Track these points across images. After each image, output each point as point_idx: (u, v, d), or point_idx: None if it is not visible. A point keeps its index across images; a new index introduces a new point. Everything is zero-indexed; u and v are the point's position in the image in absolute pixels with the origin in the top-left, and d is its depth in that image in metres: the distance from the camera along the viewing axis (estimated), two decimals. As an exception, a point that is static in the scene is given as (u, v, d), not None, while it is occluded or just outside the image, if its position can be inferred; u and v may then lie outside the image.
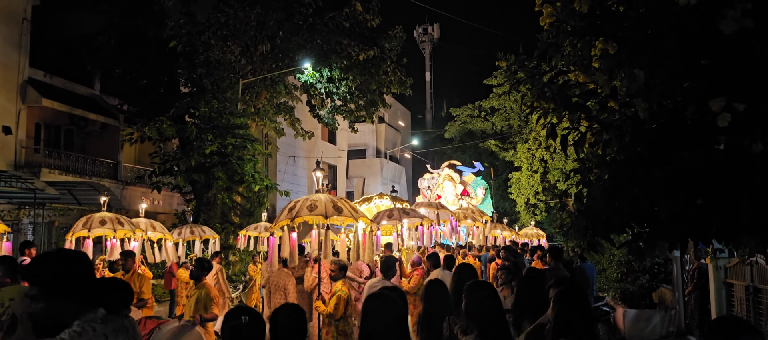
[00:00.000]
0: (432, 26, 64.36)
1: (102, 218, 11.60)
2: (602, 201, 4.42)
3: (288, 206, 8.59)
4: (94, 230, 11.57)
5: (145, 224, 13.24)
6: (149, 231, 13.26)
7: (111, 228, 11.47)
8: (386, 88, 25.52)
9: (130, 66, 20.78)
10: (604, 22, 4.38)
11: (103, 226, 11.48)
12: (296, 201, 8.63)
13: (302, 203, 8.43)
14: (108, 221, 11.54)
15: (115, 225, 11.61)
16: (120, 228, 11.70)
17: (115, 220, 11.65)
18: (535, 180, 35.54)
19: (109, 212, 12.14)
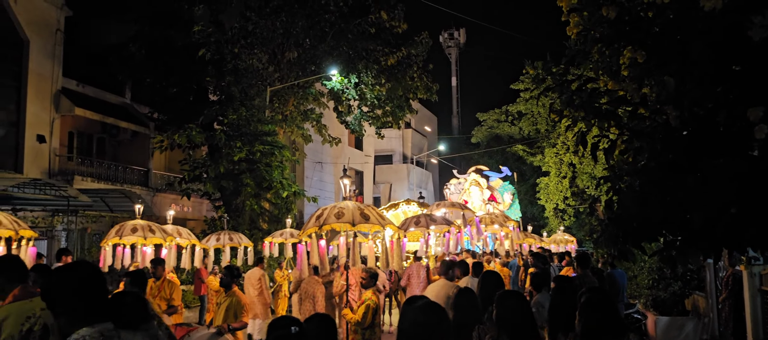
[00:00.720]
0: (458, 31, 64.26)
1: (134, 225, 11.75)
2: (633, 209, 4.38)
3: (315, 213, 8.62)
4: (126, 238, 11.77)
5: (172, 230, 13.40)
6: (177, 238, 13.43)
7: (142, 236, 11.60)
8: (412, 93, 25.53)
9: (160, 75, 21.10)
10: (632, 29, 4.35)
11: (135, 233, 11.63)
12: (323, 209, 8.64)
13: (329, 211, 8.44)
14: (139, 229, 11.68)
15: (146, 233, 11.76)
16: (151, 236, 11.83)
17: (147, 228, 11.79)
18: (564, 185, 35.20)
19: (142, 219, 12.31)
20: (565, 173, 35.22)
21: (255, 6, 21.74)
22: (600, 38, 4.57)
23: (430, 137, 51.79)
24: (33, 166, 21.24)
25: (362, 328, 7.29)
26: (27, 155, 21.21)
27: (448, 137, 53.65)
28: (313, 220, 8.55)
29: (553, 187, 35.81)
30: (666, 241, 4.34)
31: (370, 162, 41.01)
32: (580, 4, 4.63)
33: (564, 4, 4.57)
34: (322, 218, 8.39)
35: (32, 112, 21.48)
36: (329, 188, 34.17)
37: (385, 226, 8.69)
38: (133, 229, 11.73)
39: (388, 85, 24.34)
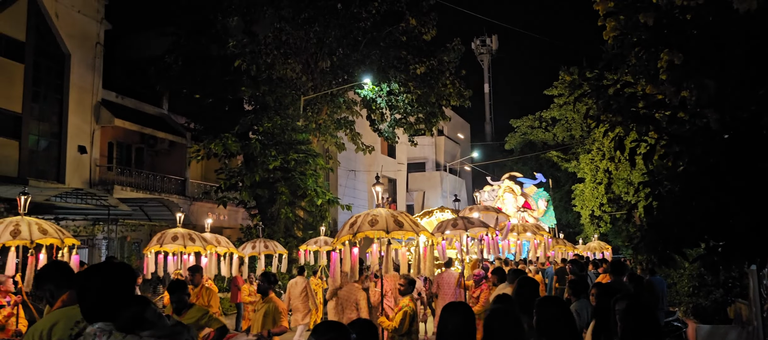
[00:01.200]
0: (490, 38, 64.00)
1: (174, 234, 11.88)
2: (673, 214, 4.32)
3: (349, 221, 8.60)
4: (166, 246, 11.91)
5: (210, 238, 13.56)
6: (216, 246, 13.60)
7: (182, 244, 11.74)
8: (445, 100, 25.51)
9: (196, 85, 21.47)
10: (670, 33, 4.30)
11: (175, 242, 11.76)
12: (357, 216, 8.64)
13: (363, 218, 8.44)
14: (180, 237, 11.81)
15: (186, 241, 11.89)
16: (191, 244, 11.97)
17: (187, 236, 11.93)
18: (600, 191, 34.71)
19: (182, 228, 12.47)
20: (601, 179, 34.74)
21: (288, 16, 22.02)
22: (637, 42, 4.53)
23: (463, 144, 51.60)
24: (74, 176, 21.77)
25: (399, 335, 7.29)
26: (69, 166, 21.75)
27: (481, 144, 53.40)
28: (347, 228, 8.53)
29: (589, 193, 35.34)
30: (708, 246, 4.27)
31: (403, 170, 41.01)
32: (617, 8, 4.60)
33: (600, 8, 4.55)
34: (356, 226, 8.37)
35: (74, 124, 22.04)
36: (362, 195, 34.28)
37: (419, 233, 8.63)
38: (174, 237, 11.86)
39: (418, 92, 24.37)
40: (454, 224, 12.07)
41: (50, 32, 21.57)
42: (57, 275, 3.92)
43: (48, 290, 3.87)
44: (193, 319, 5.97)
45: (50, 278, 3.91)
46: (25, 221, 8.94)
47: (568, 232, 39.24)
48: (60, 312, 3.62)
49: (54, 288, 3.85)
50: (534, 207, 34.03)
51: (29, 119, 20.73)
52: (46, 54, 21.45)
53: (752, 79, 3.99)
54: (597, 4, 4.56)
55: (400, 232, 8.37)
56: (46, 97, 21.68)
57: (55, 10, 21.56)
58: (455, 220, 12.37)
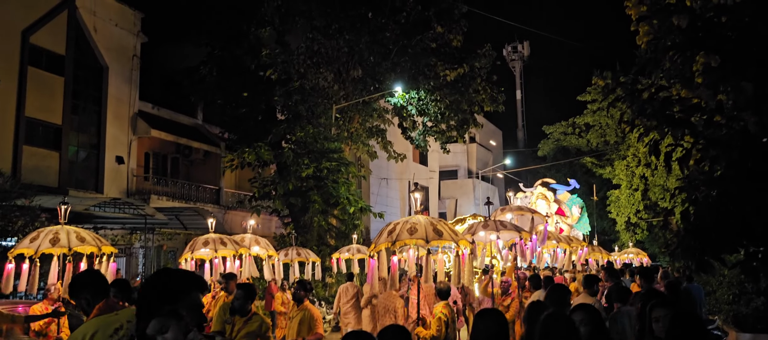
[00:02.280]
0: (522, 44, 63.59)
1: (205, 239, 11.88)
2: (711, 219, 4.25)
3: (387, 228, 8.49)
4: (197, 252, 11.92)
5: (249, 240, 13.62)
6: (255, 247, 13.61)
7: (213, 249, 11.70)
8: (477, 106, 25.40)
9: (230, 96, 21.77)
10: (705, 36, 4.25)
11: (206, 247, 11.75)
12: (395, 223, 8.53)
13: (402, 226, 8.33)
14: (211, 242, 11.79)
15: (217, 245, 11.83)
16: (222, 248, 11.91)
17: (218, 241, 11.88)
18: (636, 198, 34.20)
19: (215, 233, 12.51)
20: (637, 185, 34.23)
21: (320, 26, 22.20)
22: (671, 46, 4.48)
23: (495, 151, 51.28)
24: (112, 186, 22.25)
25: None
26: (107, 176, 22.25)
27: (513, 151, 53.00)
28: (385, 235, 8.41)
29: (625, 200, 34.86)
30: (747, 252, 4.19)
31: (435, 177, 40.92)
32: (650, 12, 4.55)
33: (633, 13, 4.51)
34: (395, 234, 8.24)
35: (111, 135, 22.54)
36: (394, 203, 34.30)
37: (458, 242, 8.49)
38: (205, 243, 11.85)
39: (448, 101, 24.31)
40: (484, 225, 11.55)
41: (89, 46, 22.14)
42: (92, 284, 4.00)
43: (84, 299, 3.94)
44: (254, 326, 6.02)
45: (86, 286, 3.99)
46: (65, 229, 9.09)
47: (603, 239, 38.70)
48: (98, 321, 3.68)
49: (90, 297, 3.92)
50: (568, 214, 33.59)
51: (69, 131, 21.27)
52: (84, 67, 22.02)
53: (791, 81, 3.92)
54: (629, 8, 4.52)
55: (439, 241, 8.22)
56: (85, 109, 22.24)
57: (94, 24, 22.13)
58: (486, 221, 11.88)
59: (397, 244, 8.10)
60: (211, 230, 12.52)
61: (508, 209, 14.49)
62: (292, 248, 16.20)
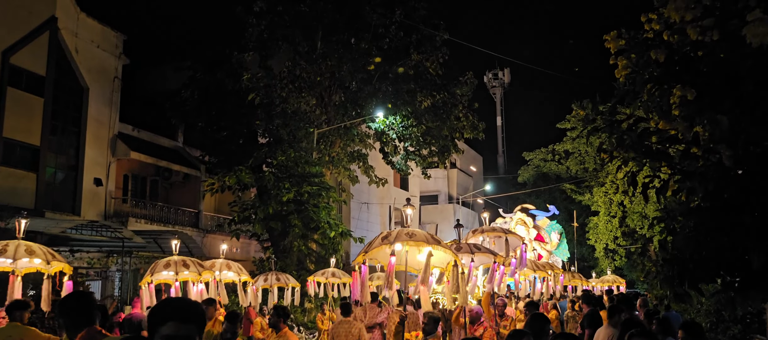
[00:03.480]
0: (502, 71, 64.34)
1: (167, 262, 11.16)
2: (689, 250, 4.32)
3: (382, 234, 8.13)
4: (157, 275, 11.20)
5: (220, 264, 13.11)
6: (228, 273, 13.21)
7: (174, 271, 10.98)
8: (458, 133, 25.60)
9: (212, 119, 21.72)
10: (682, 70, 4.36)
11: (168, 270, 11.02)
12: (389, 231, 8.16)
13: (399, 231, 8.00)
14: (172, 265, 11.06)
15: (178, 268, 11.09)
16: (183, 271, 11.17)
17: (180, 263, 11.17)
18: (614, 225, 34.51)
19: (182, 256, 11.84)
20: (615, 212, 34.56)
21: (303, 52, 22.32)
22: (649, 79, 4.58)
23: (475, 177, 51.54)
24: (90, 208, 21.97)
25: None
26: (84, 198, 21.97)
27: (494, 177, 53.31)
28: (379, 240, 8.01)
29: (603, 227, 35.15)
30: (724, 282, 4.26)
31: (415, 202, 40.99)
32: (628, 46, 4.66)
33: (612, 46, 4.61)
34: (393, 236, 7.90)
35: (90, 157, 22.31)
36: (375, 228, 34.23)
37: (453, 254, 8.17)
38: (166, 265, 11.10)
39: (433, 124, 24.45)
40: (457, 248, 10.33)
41: (70, 67, 21.99)
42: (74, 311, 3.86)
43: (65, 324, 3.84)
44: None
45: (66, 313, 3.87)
46: (15, 242, 8.72)
47: (583, 266, 38.92)
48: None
49: (69, 323, 3.80)
50: (547, 240, 33.77)
51: (47, 152, 21.01)
52: (65, 88, 21.84)
53: (765, 115, 4.02)
54: (608, 42, 4.63)
55: (439, 248, 8.02)
56: (64, 131, 22.01)
57: (75, 45, 22.01)
58: (458, 244, 10.96)
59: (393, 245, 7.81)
60: (175, 252, 11.81)
61: (480, 230, 13.48)
62: (271, 272, 16.04)
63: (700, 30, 3.87)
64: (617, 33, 4.74)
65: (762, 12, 3.52)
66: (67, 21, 21.69)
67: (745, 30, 3.52)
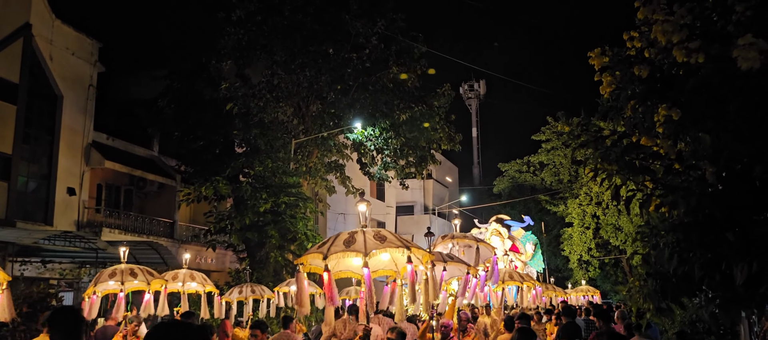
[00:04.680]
0: (478, 82, 64.84)
1: (112, 271, 10.52)
2: (672, 264, 4.39)
3: (342, 237, 7.21)
4: (102, 286, 10.53)
5: (183, 274, 12.73)
6: (188, 282, 12.81)
7: (120, 281, 10.34)
8: (436, 144, 25.74)
9: (188, 128, 21.52)
10: (664, 87, 4.44)
11: (113, 279, 10.39)
12: (351, 233, 7.28)
13: (337, 238, 7.15)
14: (118, 274, 10.40)
15: (124, 277, 10.41)
16: (130, 281, 10.51)
17: (127, 272, 10.51)
18: (588, 236, 34.91)
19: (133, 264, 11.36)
20: (589, 223, 34.96)
21: (281, 61, 22.27)
22: (633, 95, 4.66)
23: (451, 188, 51.78)
24: (63, 218, 21.58)
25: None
26: (57, 207, 21.58)
27: (469, 188, 53.59)
28: (315, 248, 7.26)
29: (577, 238, 35.53)
30: (707, 297, 4.34)
31: (391, 213, 41.01)
32: (612, 63, 4.75)
33: (596, 63, 4.69)
34: (327, 247, 6.97)
35: (63, 166, 21.93)
36: (352, 239, 34.19)
37: (410, 248, 7.12)
38: (112, 274, 10.43)
39: (410, 135, 24.53)
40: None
41: (44, 74, 21.63)
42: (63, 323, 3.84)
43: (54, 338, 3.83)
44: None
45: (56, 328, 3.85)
46: None
47: (558, 276, 39.29)
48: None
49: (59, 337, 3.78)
50: (522, 251, 34.04)
51: (19, 161, 20.60)
52: (38, 95, 21.47)
53: (747, 133, 4.12)
54: (593, 59, 4.70)
55: (381, 248, 6.96)
56: (37, 139, 21.63)
57: (50, 53, 21.68)
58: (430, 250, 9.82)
59: (330, 257, 6.86)
60: (124, 259, 11.13)
61: (449, 236, 12.99)
62: (247, 284, 15.87)
63: (687, 52, 3.96)
64: (601, 50, 4.82)
65: (753, 36, 3.61)
66: (42, 28, 21.37)
67: (736, 53, 3.61)
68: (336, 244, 7.03)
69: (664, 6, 4.50)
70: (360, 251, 6.81)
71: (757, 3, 4.08)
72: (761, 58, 3.58)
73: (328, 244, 7.12)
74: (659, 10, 4.45)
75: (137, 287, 11.12)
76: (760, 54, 3.57)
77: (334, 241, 7.12)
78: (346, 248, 6.92)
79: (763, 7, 4.09)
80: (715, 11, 4.41)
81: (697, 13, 4.45)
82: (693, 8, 4.43)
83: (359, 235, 7.08)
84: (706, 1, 4.49)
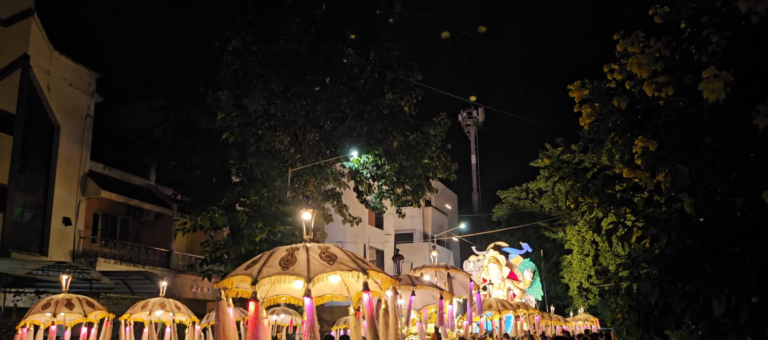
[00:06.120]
0: (476, 110, 65.00)
1: (46, 301, 9.89)
2: (653, 297, 4.36)
3: (276, 255, 6.02)
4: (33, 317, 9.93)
5: (153, 303, 12.19)
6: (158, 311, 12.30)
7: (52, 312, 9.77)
8: (432, 173, 25.74)
9: (184, 158, 21.58)
10: (643, 118, 4.46)
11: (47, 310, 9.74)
12: (262, 255, 6.13)
13: (273, 256, 5.89)
14: (52, 304, 9.75)
15: (58, 309, 9.70)
16: (66, 311, 9.84)
17: (63, 302, 9.87)
18: (587, 263, 34.76)
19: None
20: (588, 250, 34.84)
21: (278, 91, 22.39)
22: (613, 127, 4.68)
23: (450, 215, 51.70)
24: (58, 248, 21.53)
25: None
26: (53, 238, 21.54)
27: (468, 216, 53.48)
28: (242, 268, 6.00)
29: (577, 265, 35.37)
30: (689, 329, 4.31)
31: (390, 241, 40.89)
32: (592, 95, 4.76)
33: (576, 95, 4.71)
34: (257, 267, 5.67)
35: (59, 196, 21.95)
36: (349, 267, 34.02)
37: (367, 271, 5.84)
38: (46, 305, 9.82)
39: (406, 164, 24.53)
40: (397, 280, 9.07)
41: (41, 105, 21.76)
42: None
43: None
44: None
45: None
46: None
47: (558, 304, 39.04)
48: None
49: None
50: (520, 278, 33.89)
51: (15, 191, 20.62)
52: (35, 126, 21.58)
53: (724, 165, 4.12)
54: (573, 91, 4.73)
55: (329, 270, 5.72)
56: (33, 169, 21.68)
57: (47, 83, 21.82)
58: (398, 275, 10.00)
59: (260, 282, 5.61)
60: (65, 288, 10.46)
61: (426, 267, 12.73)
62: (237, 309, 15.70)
63: (656, 86, 3.98)
64: (581, 83, 4.85)
65: (717, 68, 3.64)
66: (40, 59, 21.54)
67: (702, 86, 3.63)
68: (269, 264, 5.70)
69: (642, 38, 4.54)
70: (301, 275, 5.52)
71: (731, 35, 4.12)
72: (726, 91, 3.60)
73: (260, 263, 5.75)
74: (637, 42, 4.48)
75: (75, 319, 10.41)
76: (725, 85, 3.60)
77: (268, 259, 5.82)
78: (282, 270, 5.63)
79: (738, 38, 4.12)
80: (693, 43, 4.44)
81: (675, 45, 4.49)
82: (670, 41, 4.47)
83: (301, 252, 5.80)
84: (683, 34, 4.53)
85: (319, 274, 5.59)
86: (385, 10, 23.94)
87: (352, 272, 5.77)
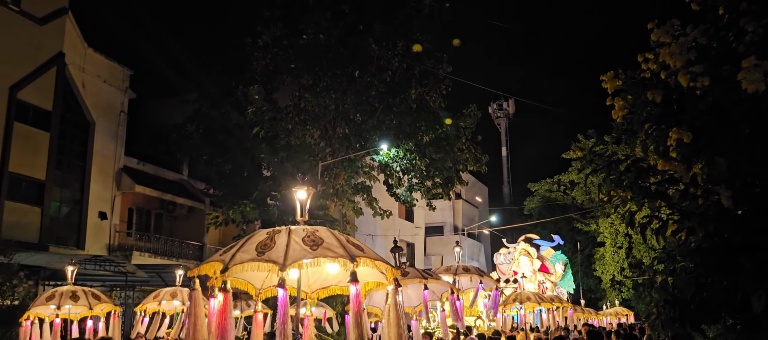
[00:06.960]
0: (507, 102, 64.41)
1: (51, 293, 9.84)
2: (689, 291, 4.27)
3: (223, 249, 5.44)
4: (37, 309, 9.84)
5: (164, 293, 12.55)
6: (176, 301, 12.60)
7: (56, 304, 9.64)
8: (462, 165, 25.58)
9: (216, 152, 21.81)
10: (679, 110, 4.36)
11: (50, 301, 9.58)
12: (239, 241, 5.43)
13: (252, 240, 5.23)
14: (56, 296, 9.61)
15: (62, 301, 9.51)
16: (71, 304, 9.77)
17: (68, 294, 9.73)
18: (621, 256, 34.26)
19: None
20: (621, 243, 34.33)
21: (307, 85, 22.46)
22: (647, 119, 4.58)
23: (481, 208, 51.42)
24: (94, 242, 21.98)
25: None
26: (89, 232, 22.01)
27: (499, 209, 53.15)
28: (218, 255, 5.29)
29: (609, 257, 34.89)
30: (727, 325, 4.22)
31: (420, 234, 40.87)
32: (625, 86, 4.67)
33: (609, 86, 4.62)
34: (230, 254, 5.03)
35: (95, 191, 22.40)
36: (380, 260, 34.07)
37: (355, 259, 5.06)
38: (50, 297, 9.68)
39: (436, 156, 24.43)
40: (403, 274, 8.97)
41: (76, 102, 22.21)
42: None
43: None
44: None
45: None
46: None
47: (590, 297, 38.60)
48: None
49: None
50: (551, 271, 33.55)
51: (52, 186, 21.11)
52: (71, 123, 22.03)
53: (762, 156, 4.01)
54: (605, 82, 4.64)
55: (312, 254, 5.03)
56: (70, 165, 22.15)
57: (82, 81, 22.24)
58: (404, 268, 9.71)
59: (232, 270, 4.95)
60: (71, 280, 10.32)
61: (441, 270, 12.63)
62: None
63: (691, 76, 3.88)
64: (614, 73, 4.76)
65: (757, 58, 3.54)
66: (75, 56, 21.95)
67: (741, 75, 3.53)
68: (245, 249, 5.02)
69: (678, 28, 4.43)
70: (276, 262, 4.80)
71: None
72: (766, 81, 3.49)
73: (235, 249, 5.09)
74: (673, 31, 4.38)
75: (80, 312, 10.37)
76: (765, 76, 3.49)
77: (244, 244, 5.14)
78: (257, 256, 4.92)
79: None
80: (731, 31, 4.32)
81: (712, 34, 4.37)
82: (707, 29, 4.35)
83: (282, 236, 5.09)
84: (721, 22, 4.41)
85: (298, 261, 4.89)
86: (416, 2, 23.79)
87: (339, 260, 5.03)
